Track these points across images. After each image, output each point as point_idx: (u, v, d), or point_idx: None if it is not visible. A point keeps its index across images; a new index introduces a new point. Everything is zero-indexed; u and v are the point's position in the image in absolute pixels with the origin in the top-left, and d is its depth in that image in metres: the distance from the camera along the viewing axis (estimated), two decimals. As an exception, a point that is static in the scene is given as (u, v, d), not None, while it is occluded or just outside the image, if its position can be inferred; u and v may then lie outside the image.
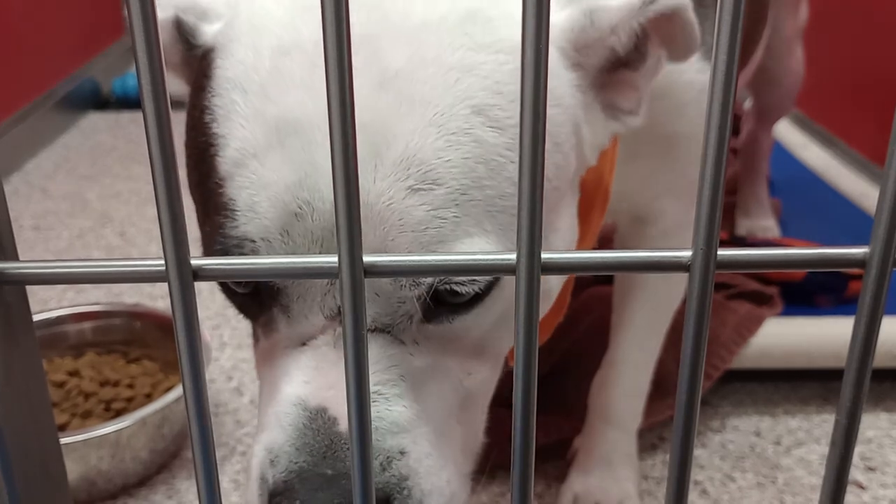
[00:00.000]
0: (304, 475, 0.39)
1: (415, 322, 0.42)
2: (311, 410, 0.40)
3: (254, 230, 0.40)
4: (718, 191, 0.23)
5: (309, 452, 0.40)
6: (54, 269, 0.25)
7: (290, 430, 0.40)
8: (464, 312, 0.42)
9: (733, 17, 0.21)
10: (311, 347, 0.42)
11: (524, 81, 0.22)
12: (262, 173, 0.40)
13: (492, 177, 0.40)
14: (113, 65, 2.14)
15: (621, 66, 0.47)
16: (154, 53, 0.21)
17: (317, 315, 0.41)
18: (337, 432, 0.40)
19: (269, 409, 0.42)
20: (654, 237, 0.68)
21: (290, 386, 0.41)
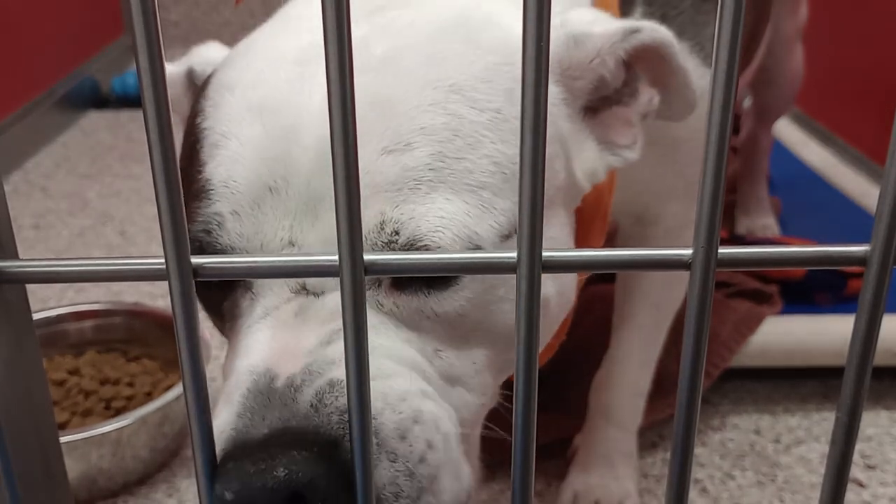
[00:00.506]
0: (238, 439, 0.37)
1: (384, 286, 0.41)
2: (258, 373, 0.39)
3: (224, 205, 0.40)
4: (719, 189, 0.23)
5: (249, 416, 0.38)
6: (54, 268, 0.25)
7: (236, 399, 0.38)
8: (438, 289, 0.41)
9: (734, 16, 0.21)
10: (271, 317, 0.41)
11: (525, 74, 0.22)
12: (240, 149, 0.40)
13: (470, 151, 0.40)
14: (113, 63, 2.14)
15: (614, 102, 0.48)
16: (154, 52, 0.21)
17: (282, 289, 0.41)
18: (274, 388, 0.38)
19: (223, 392, 0.41)
20: (657, 237, 0.68)
21: (245, 358, 0.40)
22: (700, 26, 0.55)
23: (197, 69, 0.51)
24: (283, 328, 0.40)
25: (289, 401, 0.38)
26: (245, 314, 0.42)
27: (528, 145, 0.22)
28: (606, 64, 0.46)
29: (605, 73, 0.46)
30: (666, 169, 0.62)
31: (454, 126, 0.40)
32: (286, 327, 0.40)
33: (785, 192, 1.38)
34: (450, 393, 0.43)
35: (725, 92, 0.22)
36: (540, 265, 0.23)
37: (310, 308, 0.41)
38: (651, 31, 0.46)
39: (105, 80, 2.05)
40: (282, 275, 0.24)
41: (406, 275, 0.28)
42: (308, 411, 0.37)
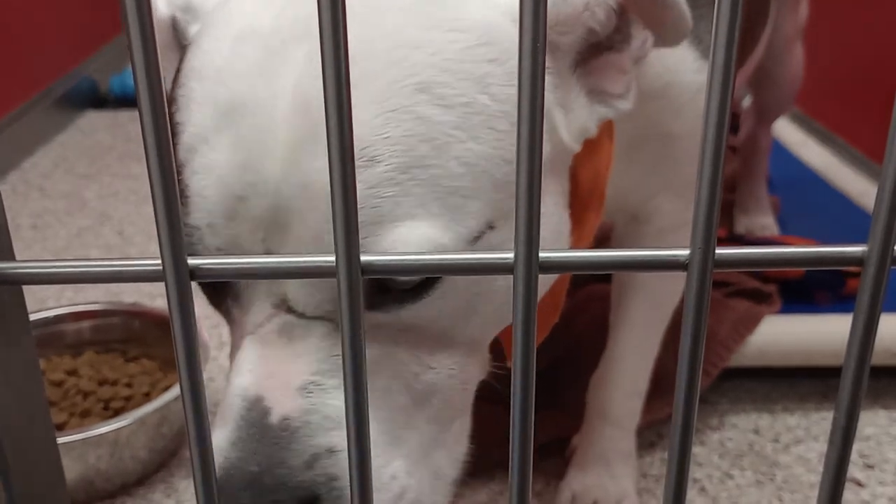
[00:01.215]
0: (231, 472, 0.38)
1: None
2: (249, 400, 0.40)
3: (201, 217, 0.40)
4: (716, 189, 0.23)
5: (241, 447, 0.39)
6: (51, 269, 0.25)
7: (230, 422, 0.40)
8: (411, 301, 0.40)
9: (731, 14, 0.21)
10: (257, 336, 0.41)
11: (521, 75, 0.22)
12: (211, 157, 0.40)
13: (437, 156, 0.39)
14: (111, 63, 2.14)
15: (604, 49, 0.46)
16: (150, 51, 0.21)
17: (264, 303, 0.41)
18: (267, 424, 0.39)
19: (222, 404, 0.41)
20: (651, 235, 0.68)
21: (237, 377, 0.41)
22: (696, 20, 0.55)
23: (180, 20, 0.48)
24: (269, 349, 0.41)
25: (283, 443, 0.39)
26: (238, 324, 0.43)
27: (525, 146, 0.22)
28: (596, 15, 0.44)
29: (594, 24, 0.44)
30: (661, 164, 0.62)
31: (419, 131, 0.38)
32: (272, 348, 0.40)
33: (784, 192, 1.38)
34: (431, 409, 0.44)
35: (723, 90, 0.22)
36: (537, 266, 0.23)
37: (294, 330, 0.40)
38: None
39: (103, 80, 2.05)
40: (278, 275, 0.24)
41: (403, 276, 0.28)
42: (300, 465, 0.39)
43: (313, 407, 0.39)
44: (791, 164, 1.53)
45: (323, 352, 0.40)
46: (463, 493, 0.84)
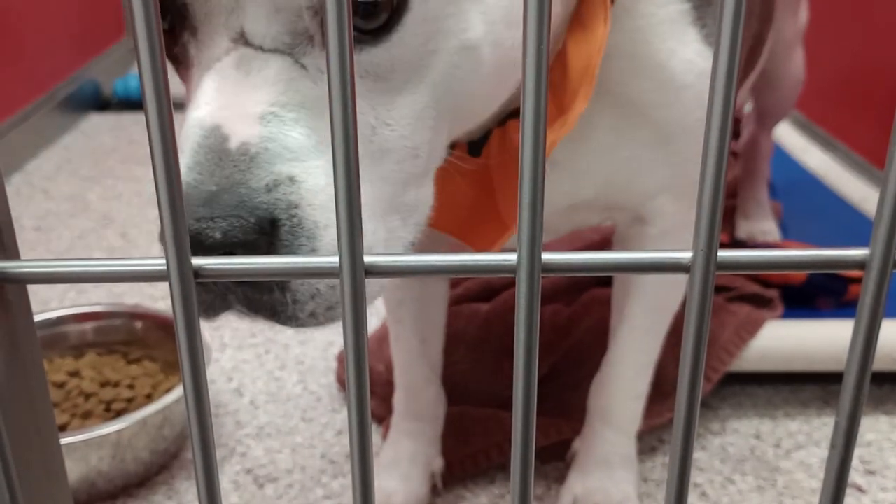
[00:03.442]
0: (187, 192, 0.38)
1: (316, 45, 0.41)
2: (206, 129, 0.40)
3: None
4: (719, 191, 0.23)
5: (198, 171, 0.39)
6: (56, 269, 0.25)
7: (187, 151, 0.40)
8: (371, 44, 0.41)
9: (734, 17, 0.21)
10: (214, 70, 0.41)
11: (525, 74, 0.22)
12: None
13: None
14: (114, 66, 2.14)
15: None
16: (156, 54, 0.21)
17: (222, 37, 0.41)
18: (226, 149, 0.39)
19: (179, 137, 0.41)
20: (654, 237, 0.68)
21: (193, 110, 0.41)
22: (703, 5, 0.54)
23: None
24: (225, 81, 0.40)
25: (243, 167, 0.39)
26: (194, 64, 0.43)
27: (529, 149, 0.22)
28: None
29: None
30: (658, 158, 0.60)
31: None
32: (228, 81, 0.40)
33: (786, 197, 1.38)
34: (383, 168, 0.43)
35: (726, 91, 0.22)
36: (540, 268, 0.23)
37: (252, 62, 0.40)
38: None
39: (107, 83, 2.05)
40: (282, 275, 0.24)
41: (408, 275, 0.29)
42: (260, 188, 0.38)
43: (272, 135, 0.39)
44: (792, 168, 1.53)
45: (281, 84, 0.40)
46: (464, 496, 0.84)
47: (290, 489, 0.84)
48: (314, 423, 0.94)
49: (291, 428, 0.93)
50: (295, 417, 0.95)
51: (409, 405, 0.83)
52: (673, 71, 0.55)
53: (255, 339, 1.09)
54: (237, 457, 0.89)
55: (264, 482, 0.85)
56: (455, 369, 0.92)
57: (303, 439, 0.91)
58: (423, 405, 0.82)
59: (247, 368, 1.03)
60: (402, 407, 0.83)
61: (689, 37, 0.55)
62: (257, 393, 0.99)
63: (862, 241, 0.24)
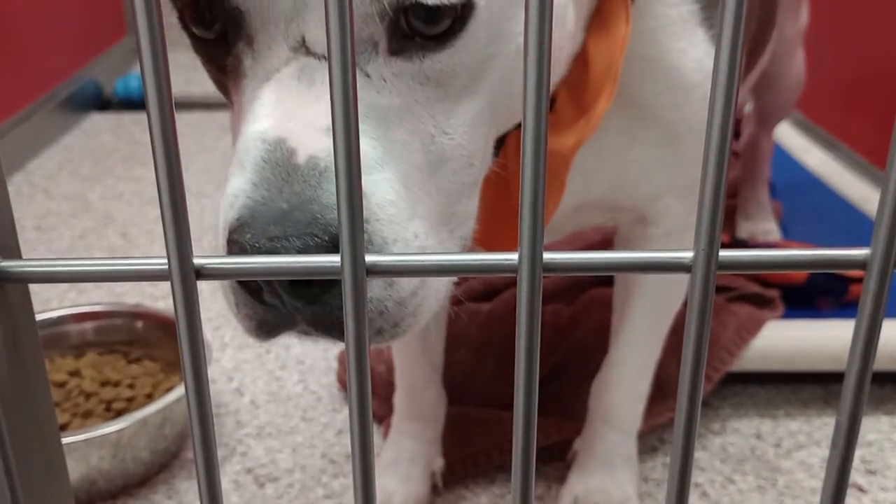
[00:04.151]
0: (257, 210, 0.37)
1: (381, 53, 0.40)
2: (270, 143, 0.38)
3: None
4: (720, 191, 0.23)
5: (266, 187, 0.37)
6: (57, 268, 0.25)
7: (249, 166, 0.38)
8: (434, 49, 0.40)
9: (735, 19, 0.21)
10: (274, 80, 0.40)
11: (526, 80, 0.22)
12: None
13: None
14: (115, 66, 2.14)
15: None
16: (158, 53, 0.21)
17: (280, 46, 0.39)
18: (294, 164, 0.38)
19: (234, 156, 0.40)
20: (657, 237, 0.68)
21: (252, 124, 0.39)
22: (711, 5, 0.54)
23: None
24: (287, 92, 0.39)
25: (313, 182, 0.37)
26: (248, 75, 0.41)
27: (529, 148, 0.22)
28: None
29: None
30: (666, 158, 0.60)
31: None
32: (291, 92, 0.39)
33: (786, 197, 1.38)
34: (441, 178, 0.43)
35: (727, 91, 0.22)
36: (541, 267, 0.23)
37: (315, 73, 0.39)
38: None
39: (108, 83, 2.05)
40: (284, 275, 0.24)
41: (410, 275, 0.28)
42: (332, 203, 0.37)
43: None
44: (793, 169, 1.53)
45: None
46: (465, 496, 0.84)
47: (290, 489, 0.84)
48: (315, 422, 0.94)
49: (292, 427, 0.93)
50: (295, 417, 0.95)
51: (409, 405, 0.83)
52: (683, 71, 0.56)
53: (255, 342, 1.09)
54: (238, 456, 0.89)
55: (265, 482, 0.85)
56: (456, 369, 0.92)
57: (303, 439, 0.91)
58: (424, 405, 0.82)
59: (247, 368, 1.03)
60: (403, 407, 0.83)
61: (698, 37, 0.55)
62: (258, 392, 0.99)
63: (862, 240, 0.24)
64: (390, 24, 0.39)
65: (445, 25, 0.39)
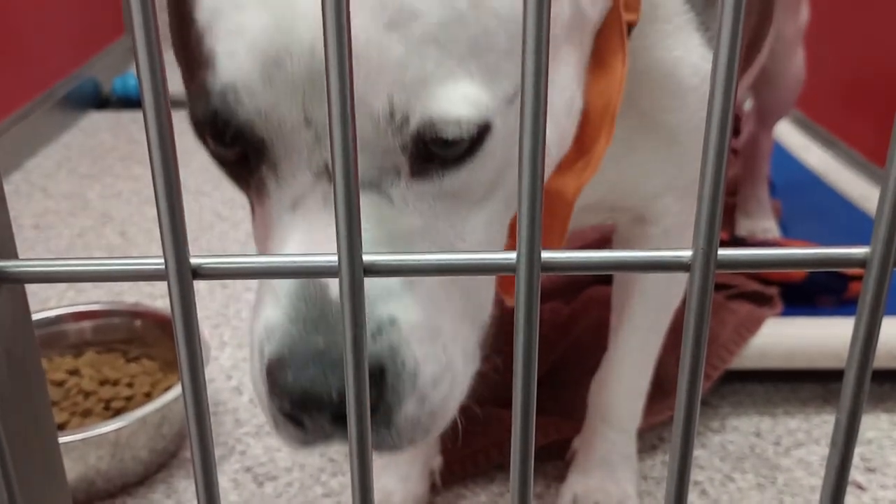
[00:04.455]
0: (295, 348, 0.39)
1: (403, 177, 0.40)
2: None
3: (235, 78, 0.38)
4: (719, 190, 0.23)
5: (301, 323, 0.39)
6: (54, 268, 0.25)
7: (284, 300, 0.39)
8: (454, 168, 0.41)
9: (734, 16, 0.21)
10: (301, 210, 0.40)
11: (524, 77, 0.22)
12: (240, 20, 0.38)
13: (474, 11, 0.39)
14: (113, 64, 2.14)
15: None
16: (154, 53, 0.21)
17: (304, 173, 0.40)
18: (328, 299, 0.39)
19: (264, 283, 0.41)
20: (656, 236, 0.68)
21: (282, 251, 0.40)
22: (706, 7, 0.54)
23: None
24: (314, 222, 0.40)
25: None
26: (273, 197, 0.42)
27: (528, 148, 0.22)
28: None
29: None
30: (666, 159, 0.61)
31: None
32: (318, 222, 0.40)
33: (786, 195, 1.38)
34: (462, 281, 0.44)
35: (726, 91, 0.22)
36: (539, 266, 0.23)
37: None
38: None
39: (106, 81, 2.05)
40: (281, 274, 0.24)
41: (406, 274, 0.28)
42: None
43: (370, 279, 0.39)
44: (792, 167, 1.53)
45: (371, 220, 0.40)
46: (464, 494, 0.84)
47: (289, 487, 0.84)
48: (314, 421, 0.94)
49: (291, 426, 0.93)
50: (294, 416, 0.95)
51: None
52: (680, 77, 0.56)
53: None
54: (236, 455, 0.89)
55: (263, 480, 0.85)
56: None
57: (302, 438, 0.91)
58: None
59: (246, 367, 1.03)
60: (402, 405, 0.83)
61: (694, 42, 0.55)
62: (257, 391, 0.99)
63: (862, 238, 0.24)
64: (412, 153, 0.40)
65: (464, 147, 0.40)
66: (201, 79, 0.39)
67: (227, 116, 0.39)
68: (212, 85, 0.39)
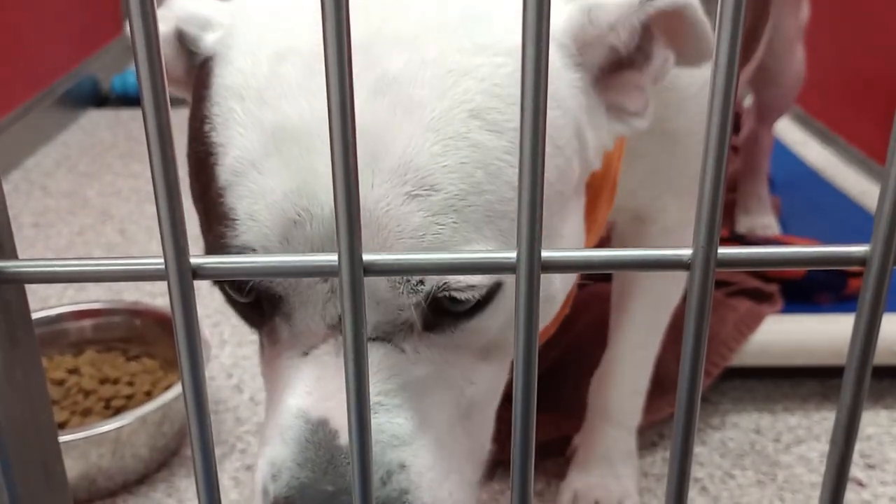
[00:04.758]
0: (305, 491, 0.39)
1: (416, 331, 0.42)
2: (313, 423, 0.40)
3: (254, 239, 0.40)
4: (719, 188, 0.23)
5: (311, 468, 0.39)
6: (53, 268, 0.25)
7: (293, 443, 0.40)
8: (465, 321, 0.42)
9: (734, 14, 0.21)
10: (312, 357, 0.41)
11: (524, 76, 0.22)
12: (261, 181, 0.39)
13: (491, 181, 0.40)
14: (113, 62, 2.14)
15: (625, 66, 0.46)
16: (153, 50, 0.21)
17: (318, 324, 0.41)
18: (337, 446, 0.40)
19: (272, 421, 0.42)
20: (655, 235, 0.68)
21: (293, 398, 0.41)
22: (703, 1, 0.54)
23: (187, 30, 0.47)
24: (326, 370, 0.41)
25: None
26: (285, 344, 0.43)
27: (528, 146, 0.22)
28: (620, 35, 0.44)
29: (618, 43, 0.44)
30: (665, 162, 0.61)
31: (475, 158, 0.39)
32: (330, 370, 0.41)
33: (785, 192, 1.38)
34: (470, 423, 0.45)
35: (726, 89, 0.22)
36: (539, 266, 0.23)
37: None
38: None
39: (105, 79, 2.05)
40: (282, 274, 0.24)
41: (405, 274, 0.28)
42: (375, 483, 0.39)
43: (380, 426, 0.40)
44: (792, 163, 1.52)
45: (384, 372, 0.41)
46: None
47: (290, 485, 0.84)
48: (314, 419, 0.94)
49: (291, 424, 0.93)
50: (295, 414, 0.95)
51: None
52: (678, 87, 0.56)
53: (254, 335, 1.09)
54: (237, 453, 0.89)
55: (264, 478, 0.85)
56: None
57: (303, 435, 0.91)
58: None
59: (246, 365, 1.03)
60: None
61: None
62: (257, 389, 0.99)
63: (861, 234, 0.24)
64: (424, 309, 0.41)
65: (475, 301, 0.41)
66: (220, 234, 0.41)
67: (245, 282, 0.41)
68: (231, 242, 0.40)
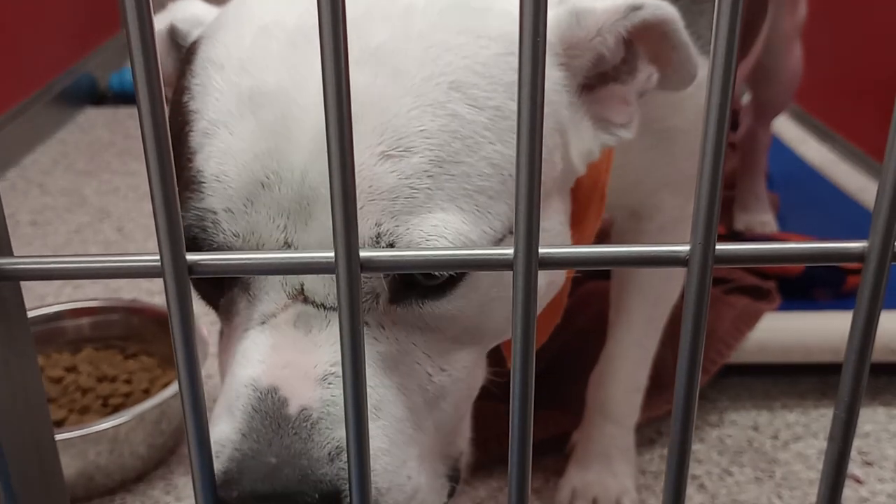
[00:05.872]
0: (245, 464, 0.36)
1: (381, 302, 0.40)
2: (262, 391, 0.38)
3: (217, 202, 0.39)
4: (717, 186, 0.23)
5: (255, 438, 0.37)
6: (50, 265, 0.25)
7: (238, 414, 0.38)
8: (434, 298, 0.41)
9: (732, 10, 0.21)
10: (270, 325, 0.40)
11: (521, 72, 0.22)
12: (231, 142, 0.39)
13: (468, 154, 0.39)
14: (110, 60, 2.13)
15: (611, 79, 0.47)
16: (149, 49, 0.21)
17: (279, 293, 0.40)
18: (285, 415, 0.37)
19: (221, 398, 0.40)
20: (651, 232, 0.68)
21: (245, 368, 0.39)
22: (696, 15, 0.54)
23: (180, 27, 0.48)
24: (283, 338, 0.39)
25: (304, 435, 0.37)
26: (242, 316, 0.41)
27: (525, 143, 0.22)
28: (607, 41, 0.44)
29: (604, 50, 0.45)
30: (662, 160, 0.61)
31: (453, 128, 0.39)
32: (287, 338, 0.39)
33: (783, 189, 1.38)
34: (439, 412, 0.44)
35: (723, 87, 0.22)
36: (536, 262, 0.23)
37: (312, 320, 0.39)
38: (654, 8, 0.44)
39: (103, 77, 2.05)
40: (278, 272, 0.24)
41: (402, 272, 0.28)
42: (322, 457, 0.37)
43: (334, 398, 0.38)
44: (790, 160, 1.53)
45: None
46: (462, 489, 0.84)
47: (288, 483, 0.84)
48: (312, 416, 0.94)
49: (289, 422, 0.93)
50: (293, 411, 0.95)
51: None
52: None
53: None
54: (235, 451, 0.89)
55: (263, 476, 0.85)
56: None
57: (301, 433, 0.91)
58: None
59: (244, 363, 1.03)
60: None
61: None
62: (255, 387, 0.99)
63: (859, 231, 0.24)
64: (392, 278, 0.40)
65: (444, 278, 0.40)
66: (185, 199, 0.40)
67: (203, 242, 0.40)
68: (194, 205, 0.39)
